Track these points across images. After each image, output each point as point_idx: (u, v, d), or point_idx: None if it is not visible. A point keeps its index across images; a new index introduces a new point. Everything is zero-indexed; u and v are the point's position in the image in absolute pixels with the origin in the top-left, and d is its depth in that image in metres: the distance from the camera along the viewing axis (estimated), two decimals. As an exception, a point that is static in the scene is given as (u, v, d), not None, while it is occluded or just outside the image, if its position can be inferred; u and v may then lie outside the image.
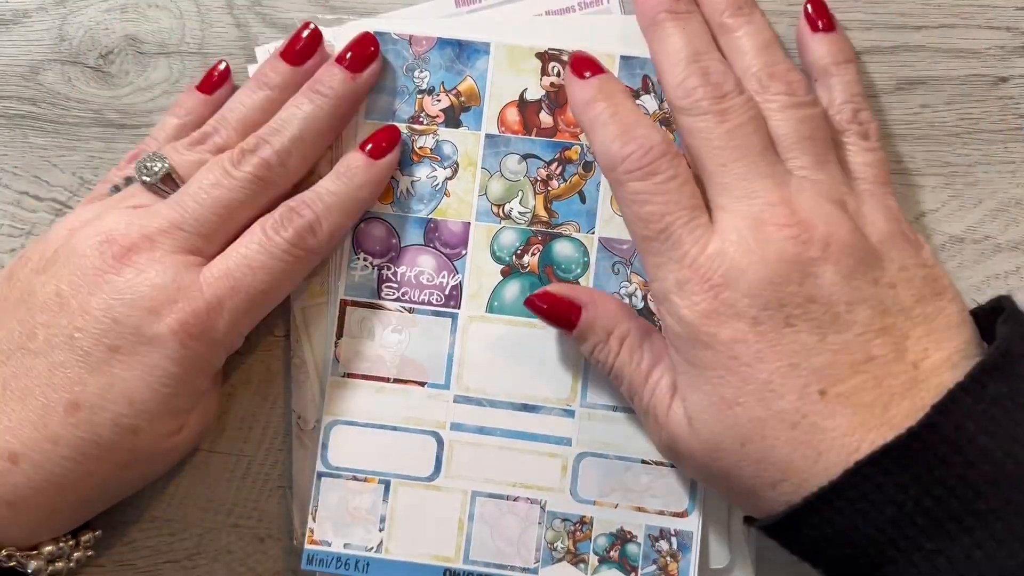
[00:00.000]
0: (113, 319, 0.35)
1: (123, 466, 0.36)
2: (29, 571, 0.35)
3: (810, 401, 0.32)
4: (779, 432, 0.32)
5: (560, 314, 0.38)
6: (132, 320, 0.35)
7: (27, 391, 0.35)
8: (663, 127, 0.40)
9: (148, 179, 0.38)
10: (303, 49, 0.39)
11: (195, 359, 0.36)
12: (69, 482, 0.35)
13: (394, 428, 0.41)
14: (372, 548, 0.40)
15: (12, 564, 0.35)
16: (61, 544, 0.37)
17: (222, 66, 0.41)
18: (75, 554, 0.37)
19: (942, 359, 0.33)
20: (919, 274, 0.34)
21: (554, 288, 0.38)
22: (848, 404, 0.32)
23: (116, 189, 0.39)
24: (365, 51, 0.39)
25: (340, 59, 0.39)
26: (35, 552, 0.36)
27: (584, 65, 0.37)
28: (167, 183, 0.38)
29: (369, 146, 0.39)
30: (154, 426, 0.36)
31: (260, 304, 0.37)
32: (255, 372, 0.42)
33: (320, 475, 0.41)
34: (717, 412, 0.34)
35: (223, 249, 0.37)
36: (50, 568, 0.36)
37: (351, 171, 0.38)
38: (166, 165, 0.38)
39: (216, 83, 0.41)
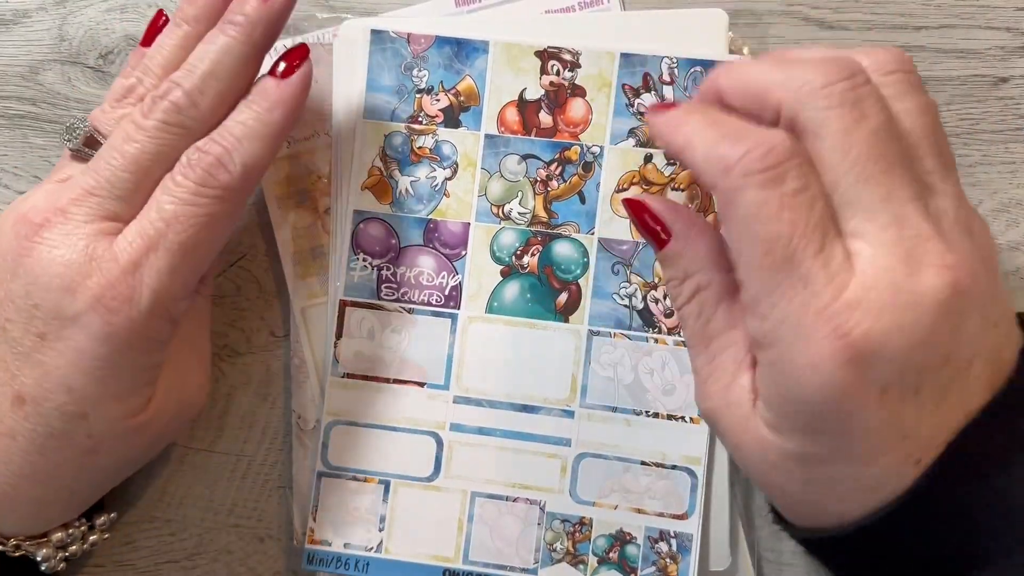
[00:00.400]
0: (34, 304, 0.32)
1: (89, 452, 0.34)
2: (39, 558, 0.35)
3: (903, 470, 0.29)
4: (854, 494, 0.29)
5: (650, 231, 0.33)
6: (50, 302, 0.32)
7: None
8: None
9: (71, 145, 0.35)
10: None
11: (124, 333, 0.32)
12: (41, 474, 0.34)
13: (394, 428, 0.41)
14: (372, 548, 0.40)
15: (20, 554, 0.35)
16: (71, 530, 0.36)
17: (163, 19, 0.38)
18: (91, 537, 0.37)
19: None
20: (1003, 292, 0.31)
21: (655, 203, 0.33)
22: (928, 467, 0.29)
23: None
24: None
25: None
26: (44, 539, 0.36)
27: (660, 107, 0.32)
28: (92, 145, 0.35)
29: (280, 67, 0.35)
30: (103, 410, 0.33)
31: (188, 258, 0.33)
32: (255, 372, 0.42)
33: (320, 475, 0.41)
34: (796, 456, 0.30)
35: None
36: (60, 554, 0.36)
37: (259, 95, 0.35)
38: (85, 127, 0.35)
39: (157, 32, 0.38)
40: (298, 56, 0.35)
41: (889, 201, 0.28)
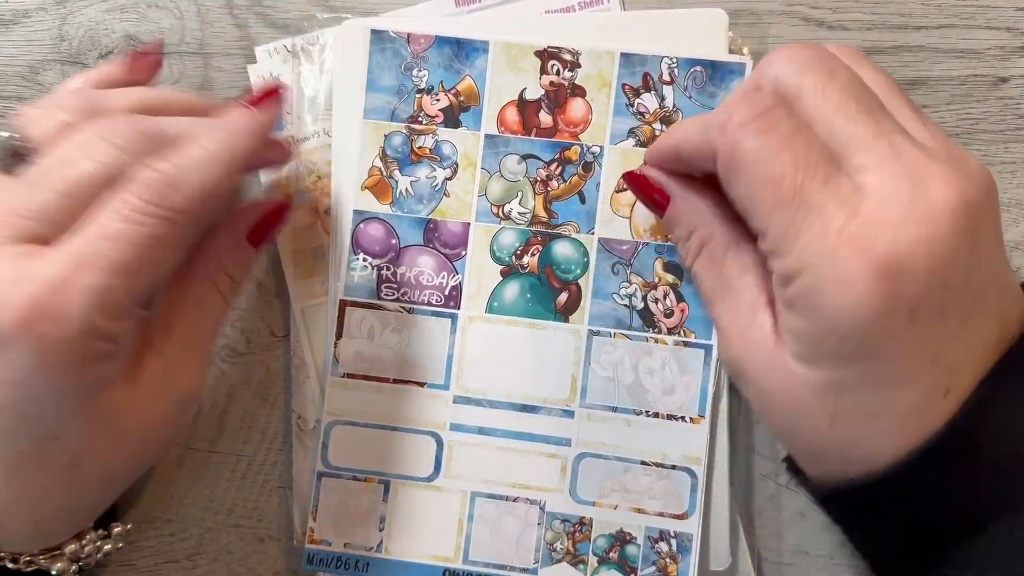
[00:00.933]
0: None
1: (72, 466, 0.32)
2: (53, 572, 0.35)
3: (933, 401, 0.29)
4: (885, 425, 0.29)
5: (649, 198, 0.37)
6: None
7: None
8: (665, 127, 0.40)
9: None
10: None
11: (54, 355, 0.30)
12: (30, 497, 0.33)
13: (394, 428, 0.41)
14: (372, 548, 0.40)
15: (33, 569, 0.34)
16: (85, 541, 0.36)
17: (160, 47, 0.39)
18: (106, 547, 0.37)
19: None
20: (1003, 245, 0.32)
21: (649, 171, 0.37)
22: (960, 402, 0.29)
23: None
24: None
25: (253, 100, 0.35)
26: (58, 552, 0.35)
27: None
28: (17, 158, 0.34)
29: (253, 99, 0.35)
30: (69, 425, 0.31)
31: (126, 278, 0.30)
32: (255, 372, 0.42)
33: (320, 475, 0.41)
34: (824, 388, 0.30)
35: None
36: (73, 567, 0.35)
37: (229, 122, 0.33)
38: (13, 137, 0.34)
39: (145, 56, 0.38)
40: (273, 93, 0.35)
41: (880, 135, 0.29)
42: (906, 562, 0.32)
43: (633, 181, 0.38)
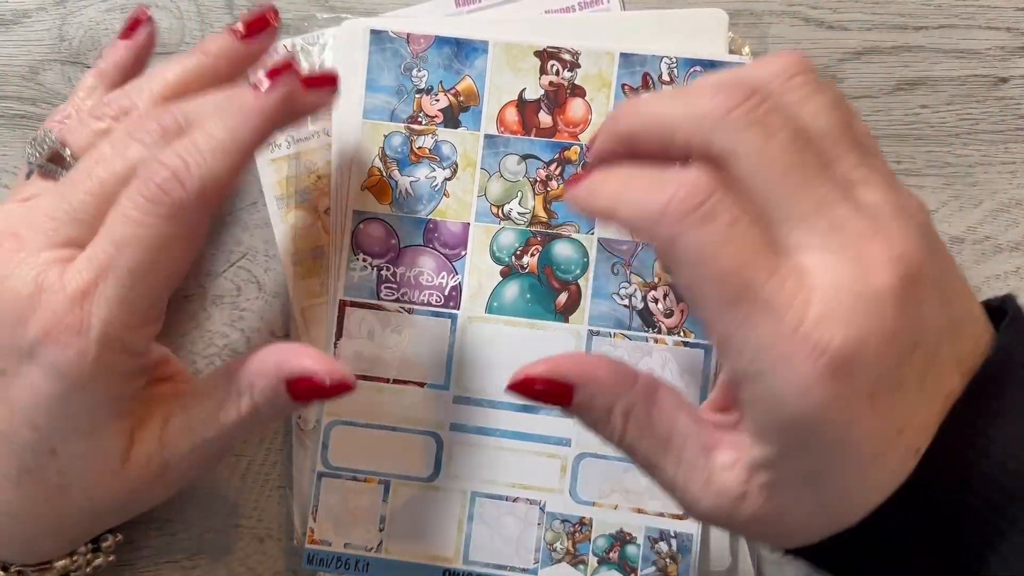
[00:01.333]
0: None
1: (61, 489, 0.32)
2: None
3: (907, 463, 0.28)
4: (865, 496, 0.29)
5: (551, 399, 0.31)
6: (5, 337, 0.30)
7: None
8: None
9: (34, 159, 0.33)
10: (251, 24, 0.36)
11: (76, 367, 0.30)
12: (22, 512, 0.33)
13: (394, 428, 0.41)
14: (372, 548, 0.40)
15: None
16: (76, 557, 0.36)
17: (142, 12, 0.38)
18: (95, 561, 0.37)
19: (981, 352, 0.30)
20: (952, 265, 0.31)
21: (536, 370, 0.31)
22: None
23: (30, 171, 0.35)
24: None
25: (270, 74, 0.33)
26: (47, 567, 0.35)
27: (573, 180, 0.32)
28: (57, 162, 0.33)
29: (262, 79, 0.32)
30: (71, 447, 0.32)
31: (140, 285, 0.30)
32: (255, 372, 0.42)
33: (320, 475, 0.41)
34: (803, 482, 0.29)
35: None
36: None
37: (235, 105, 0.32)
38: (51, 139, 0.33)
39: (134, 26, 0.38)
40: (283, 70, 0.33)
41: (821, 207, 0.27)
42: None
43: (524, 389, 0.31)
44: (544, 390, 0.31)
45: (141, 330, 0.31)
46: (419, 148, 0.41)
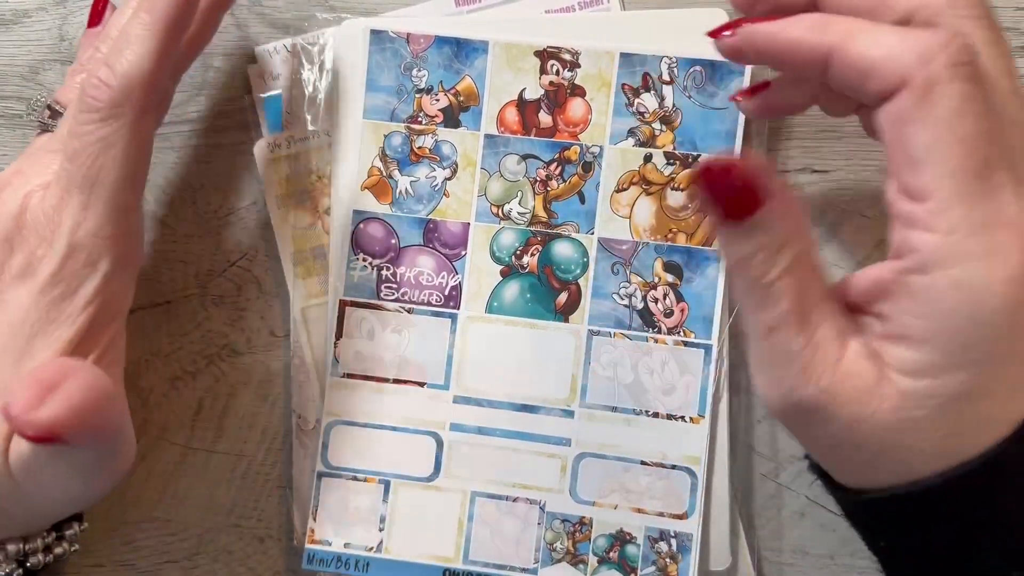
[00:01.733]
0: None
1: None
2: None
3: None
4: (1003, 430, 0.27)
5: (741, 197, 0.27)
6: None
7: None
8: (664, 127, 0.40)
9: (36, 118, 0.36)
10: None
11: (45, 277, 0.32)
12: None
13: (394, 428, 0.41)
14: (372, 548, 0.40)
15: None
16: (30, 544, 0.34)
17: (103, 3, 0.39)
18: (56, 549, 0.35)
19: None
20: None
21: (743, 162, 0.28)
22: None
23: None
24: None
25: None
26: None
27: (757, 20, 0.30)
28: (53, 117, 0.36)
29: None
30: (2, 374, 0.32)
31: (94, 192, 0.32)
32: (255, 372, 0.42)
33: (320, 475, 0.41)
34: (948, 402, 0.27)
35: None
36: (13, 567, 0.34)
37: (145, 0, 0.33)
38: (43, 99, 0.36)
39: (100, 11, 0.39)
40: None
41: None
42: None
43: (720, 177, 0.28)
44: (741, 185, 0.27)
45: (102, 241, 0.33)
46: (419, 148, 0.41)
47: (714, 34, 0.32)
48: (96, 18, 0.39)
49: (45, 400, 0.28)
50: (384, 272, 0.41)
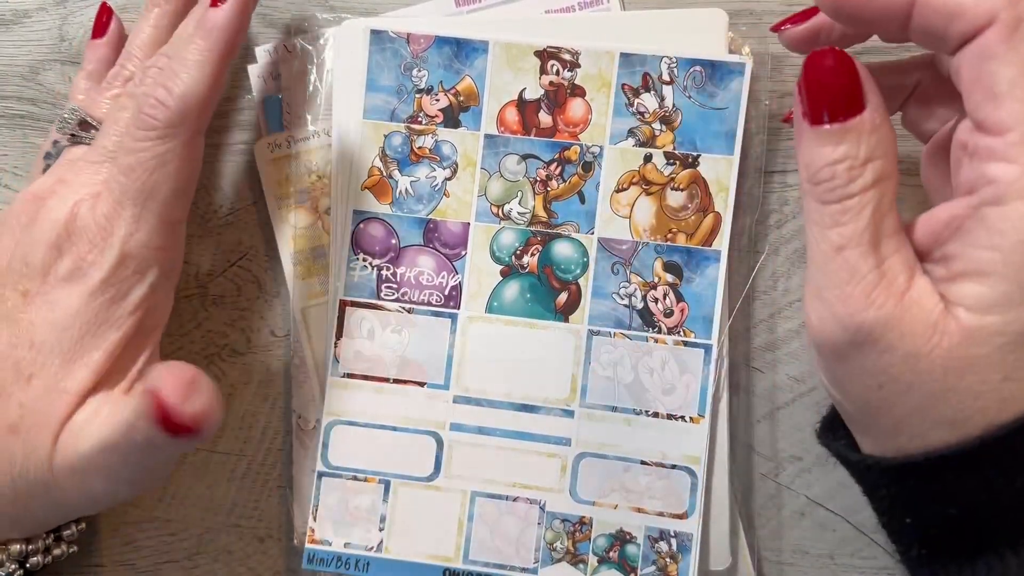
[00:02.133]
0: (26, 264, 0.34)
1: (11, 429, 0.33)
2: None
3: None
4: None
5: (842, 93, 0.29)
6: (38, 259, 0.34)
7: None
8: (664, 127, 0.40)
9: (67, 131, 0.38)
10: None
11: (94, 285, 0.34)
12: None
13: (394, 428, 0.41)
14: (372, 548, 0.40)
15: None
16: (33, 545, 0.35)
17: (106, 13, 0.41)
18: (55, 551, 0.36)
19: None
20: None
21: (855, 62, 0.29)
22: None
23: (48, 156, 0.39)
24: None
25: None
26: (1, 547, 0.35)
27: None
28: (85, 129, 0.38)
29: None
30: (46, 373, 0.33)
31: (147, 205, 0.34)
32: (255, 372, 0.42)
33: (320, 475, 0.41)
34: (1011, 340, 0.27)
35: None
36: (15, 567, 0.35)
37: (197, 24, 0.36)
38: (77, 112, 0.38)
39: (105, 23, 0.41)
40: None
41: None
42: (950, 551, 0.30)
43: (827, 65, 0.29)
44: (847, 80, 0.29)
45: (151, 251, 0.35)
46: (419, 148, 0.41)
47: (795, 19, 0.34)
48: (101, 30, 0.41)
49: (190, 396, 0.30)
50: (384, 272, 0.41)
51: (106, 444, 0.32)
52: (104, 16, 0.41)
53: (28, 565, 0.35)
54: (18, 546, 0.35)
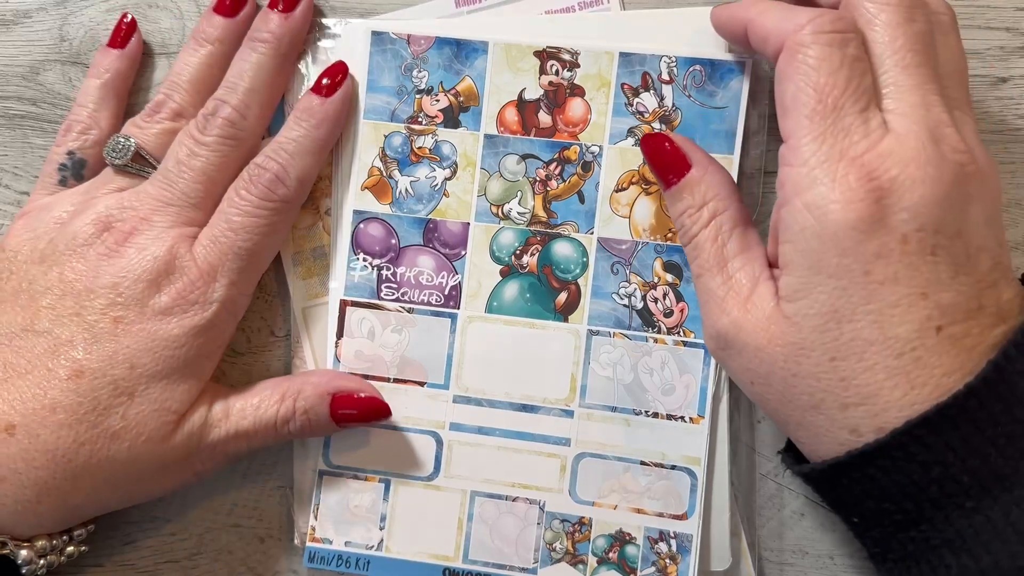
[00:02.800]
0: (118, 293, 0.36)
1: (113, 437, 0.36)
2: (19, 561, 0.35)
3: (926, 335, 0.31)
4: (881, 357, 0.31)
5: (670, 163, 0.37)
6: (135, 293, 0.37)
7: (31, 366, 0.36)
8: (664, 126, 0.40)
9: (119, 161, 0.39)
10: (235, 1, 0.41)
11: (196, 325, 0.37)
12: (61, 451, 0.35)
13: (394, 428, 0.41)
14: (373, 546, 0.40)
15: (4, 552, 0.35)
16: (55, 541, 0.37)
17: (128, 18, 0.42)
18: (68, 548, 0.38)
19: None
20: (1005, 239, 0.34)
21: (677, 137, 0.38)
22: (955, 345, 0.31)
23: (63, 168, 0.40)
24: None
25: (272, 4, 0.40)
26: (28, 544, 0.36)
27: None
28: (138, 161, 0.39)
29: (323, 81, 0.40)
30: (149, 393, 0.36)
31: (251, 261, 0.38)
32: (255, 372, 0.42)
33: (321, 474, 0.41)
34: (822, 322, 0.32)
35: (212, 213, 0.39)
36: (40, 561, 0.36)
37: (307, 113, 0.39)
38: (132, 144, 0.39)
39: (127, 35, 0.42)
40: (338, 72, 0.40)
41: (920, 88, 0.32)
42: (902, 543, 0.32)
43: (654, 144, 0.37)
44: (668, 152, 0.37)
45: (244, 299, 0.39)
46: (419, 148, 0.41)
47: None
48: (121, 42, 0.42)
49: (368, 387, 0.40)
50: (384, 272, 0.41)
51: (233, 433, 0.38)
52: (128, 29, 0.42)
53: (45, 562, 0.37)
54: (42, 542, 0.37)
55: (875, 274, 0.31)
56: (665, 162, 0.37)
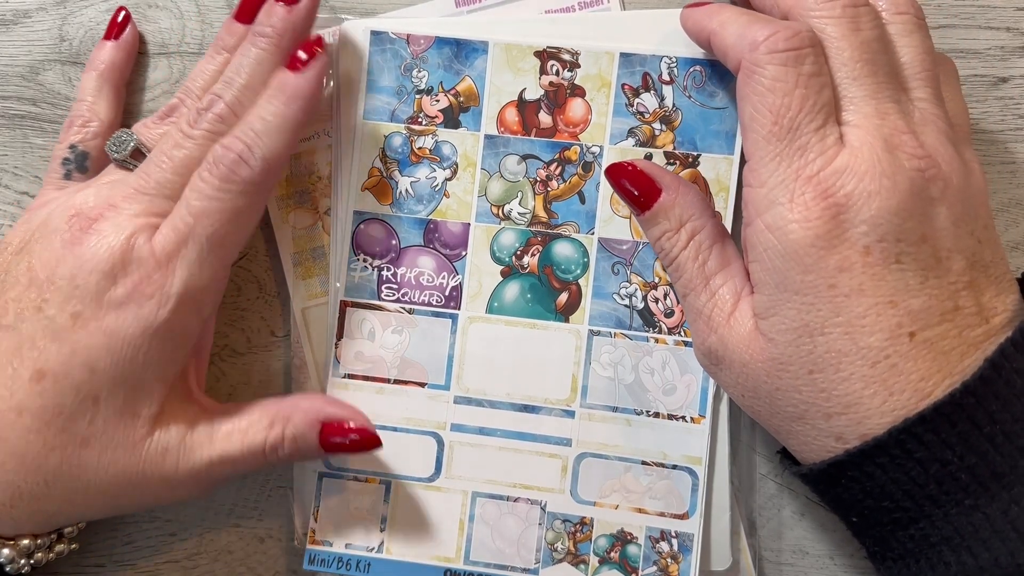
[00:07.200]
0: (75, 286, 0.35)
1: (82, 443, 0.35)
2: (1, 559, 0.35)
3: (898, 342, 0.31)
4: (856, 367, 0.32)
5: (640, 190, 0.36)
6: (91, 285, 0.35)
7: None
8: (664, 126, 0.40)
9: (118, 156, 0.38)
10: (254, 5, 0.39)
11: (154, 320, 0.35)
12: (31, 456, 0.34)
13: (394, 429, 0.41)
14: (373, 548, 0.40)
15: None
16: (40, 540, 0.36)
17: (122, 14, 0.42)
18: (57, 546, 0.37)
19: (1008, 318, 0.32)
20: (995, 235, 0.34)
21: (641, 163, 0.37)
22: (931, 350, 0.31)
23: (67, 161, 0.40)
24: None
25: None
26: (11, 542, 0.36)
27: (695, 4, 0.38)
28: (137, 157, 0.38)
29: (298, 54, 0.37)
30: (113, 399, 0.35)
31: (216, 250, 0.36)
32: (255, 372, 0.42)
33: (321, 475, 0.41)
34: (795, 337, 0.33)
35: None
36: (23, 560, 0.36)
37: (278, 90, 0.37)
38: (132, 139, 0.38)
39: (121, 26, 0.42)
40: (313, 48, 0.37)
41: (873, 98, 0.33)
42: (901, 541, 0.33)
43: (620, 173, 0.37)
44: (636, 179, 0.37)
45: (211, 294, 0.37)
46: (419, 148, 0.41)
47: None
48: (116, 33, 0.41)
49: (359, 415, 0.38)
50: (384, 272, 0.41)
51: (217, 457, 0.36)
52: (123, 22, 0.41)
53: (33, 561, 0.36)
54: (27, 541, 0.36)
55: (840, 287, 0.32)
56: (635, 191, 0.37)
